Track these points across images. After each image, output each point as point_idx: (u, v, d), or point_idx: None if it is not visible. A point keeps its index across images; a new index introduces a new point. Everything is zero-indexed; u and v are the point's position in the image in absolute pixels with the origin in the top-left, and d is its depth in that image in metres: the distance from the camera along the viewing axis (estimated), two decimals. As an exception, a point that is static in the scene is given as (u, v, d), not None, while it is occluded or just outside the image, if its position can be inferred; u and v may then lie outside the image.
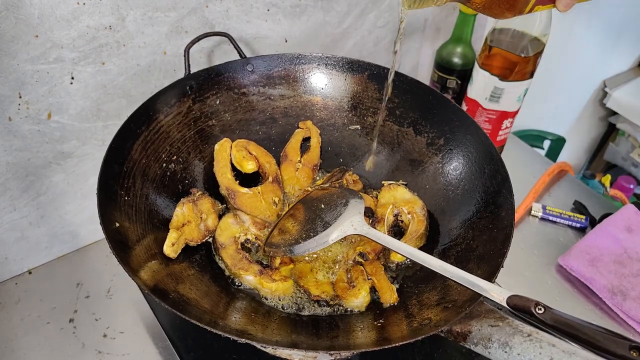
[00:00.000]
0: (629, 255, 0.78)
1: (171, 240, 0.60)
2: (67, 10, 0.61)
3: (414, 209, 0.69)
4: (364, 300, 0.60)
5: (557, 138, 1.30)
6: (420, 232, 0.67)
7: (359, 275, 0.62)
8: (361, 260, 0.65)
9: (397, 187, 0.72)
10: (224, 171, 0.70)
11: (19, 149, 0.66)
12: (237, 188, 0.69)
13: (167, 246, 0.59)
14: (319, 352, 0.52)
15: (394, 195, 0.71)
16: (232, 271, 0.62)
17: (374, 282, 0.62)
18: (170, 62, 0.73)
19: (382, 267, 0.64)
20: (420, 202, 0.70)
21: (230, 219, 0.66)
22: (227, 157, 0.71)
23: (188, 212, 0.63)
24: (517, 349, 0.45)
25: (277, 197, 0.71)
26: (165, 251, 0.59)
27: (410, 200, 0.70)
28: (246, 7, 0.76)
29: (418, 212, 0.69)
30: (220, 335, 0.46)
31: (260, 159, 0.73)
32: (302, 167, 0.75)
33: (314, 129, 0.78)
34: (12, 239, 0.72)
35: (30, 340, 0.68)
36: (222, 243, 0.64)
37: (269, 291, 0.61)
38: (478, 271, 0.56)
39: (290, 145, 0.76)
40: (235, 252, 0.63)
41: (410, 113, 0.76)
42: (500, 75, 0.82)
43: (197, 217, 0.64)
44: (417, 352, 0.66)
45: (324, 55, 0.77)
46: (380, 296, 0.61)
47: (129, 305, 0.72)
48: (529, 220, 0.87)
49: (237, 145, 0.73)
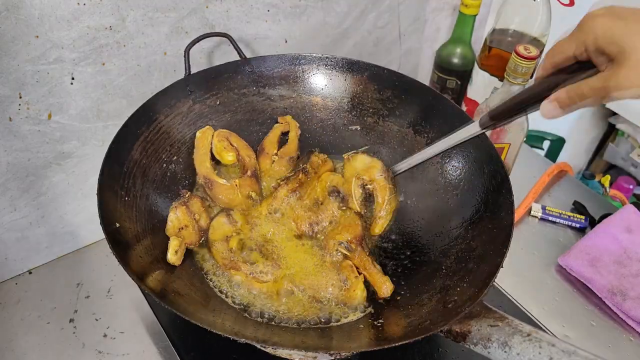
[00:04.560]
0: (629, 256, 0.78)
1: (174, 248, 0.59)
2: (67, 11, 0.61)
3: (374, 175, 0.65)
4: (361, 297, 0.60)
5: (557, 138, 1.30)
6: (386, 197, 0.63)
7: (349, 273, 0.62)
8: (346, 253, 0.64)
9: (355, 156, 0.69)
10: (203, 159, 0.69)
11: (20, 149, 0.66)
12: (215, 178, 0.68)
13: (171, 255, 0.59)
14: (319, 352, 0.52)
15: (354, 166, 0.68)
16: (223, 270, 0.62)
17: (365, 277, 0.62)
18: (170, 63, 0.74)
19: (370, 259, 0.63)
20: (379, 164, 0.66)
21: (223, 219, 0.66)
22: (207, 145, 0.70)
23: (182, 215, 0.63)
24: (517, 349, 0.45)
25: (254, 191, 0.70)
26: (170, 260, 0.59)
27: (370, 165, 0.66)
28: (246, 7, 0.77)
29: (378, 177, 0.65)
30: (221, 335, 0.46)
31: (240, 151, 0.72)
32: (279, 159, 0.74)
33: (293, 122, 0.77)
34: (12, 239, 0.72)
35: (30, 340, 0.68)
36: (214, 242, 0.64)
37: (260, 291, 0.60)
38: (478, 271, 0.56)
39: (267, 139, 0.76)
40: (226, 252, 0.63)
41: (410, 113, 0.76)
42: (500, 75, 0.82)
43: (192, 219, 0.64)
44: (417, 352, 0.66)
45: (323, 55, 0.77)
46: (375, 290, 0.61)
47: (129, 305, 0.72)
48: (529, 220, 0.87)
49: (218, 135, 0.72)
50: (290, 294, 0.61)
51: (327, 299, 0.61)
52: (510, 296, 0.75)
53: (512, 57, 0.69)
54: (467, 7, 0.86)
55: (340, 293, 0.61)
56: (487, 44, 0.84)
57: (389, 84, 0.76)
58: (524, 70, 0.69)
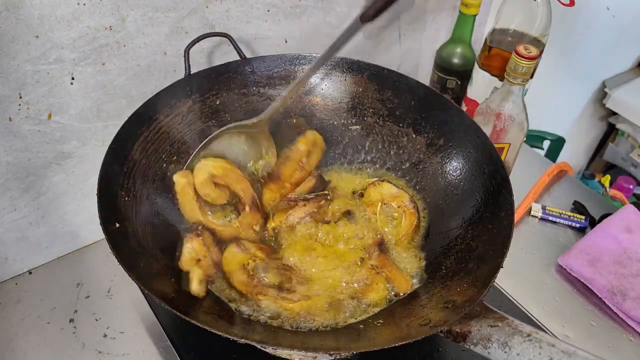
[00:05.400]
0: (629, 256, 0.78)
1: (199, 277, 0.57)
2: (67, 11, 0.61)
3: (403, 202, 0.70)
4: (383, 294, 0.61)
5: (557, 138, 1.30)
6: (414, 224, 0.68)
7: (369, 270, 0.63)
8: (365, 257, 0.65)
9: (381, 184, 0.72)
10: (191, 207, 0.63)
11: (20, 149, 0.66)
12: (212, 225, 0.64)
13: (195, 285, 0.57)
14: (319, 352, 0.52)
15: (381, 192, 0.71)
16: (248, 298, 0.59)
17: (386, 274, 0.62)
18: (170, 63, 0.73)
19: (389, 258, 0.65)
20: (407, 195, 0.70)
21: (235, 248, 0.63)
22: (191, 191, 0.63)
23: (199, 247, 0.60)
24: (517, 349, 0.45)
25: (257, 224, 0.67)
26: (194, 291, 0.57)
27: (397, 195, 0.71)
28: (246, 7, 0.76)
29: (407, 204, 0.69)
30: (221, 335, 0.46)
31: (232, 186, 0.65)
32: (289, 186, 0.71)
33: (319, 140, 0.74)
34: (12, 239, 0.72)
35: (30, 340, 0.68)
36: (231, 273, 0.61)
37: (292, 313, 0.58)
38: (478, 271, 0.56)
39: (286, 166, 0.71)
40: (247, 279, 0.60)
41: (410, 113, 0.76)
42: (500, 75, 0.82)
43: (206, 250, 0.61)
44: (417, 352, 0.67)
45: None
46: (395, 286, 0.62)
47: (129, 305, 0.72)
48: (529, 220, 0.87)
49: (198, 177, 0.63)
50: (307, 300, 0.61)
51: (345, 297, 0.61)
52: (510, 296, 0.75)
53: (512, 57, 0.69)
54: (467, 7, 0.86)
55: (360, 289, 0.61)
56: (487, 44, 0.84)
57: (389, 84, 0.76)
58: (524, 70, 0.69)
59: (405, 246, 0.68)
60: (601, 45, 1.36)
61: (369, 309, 0.61)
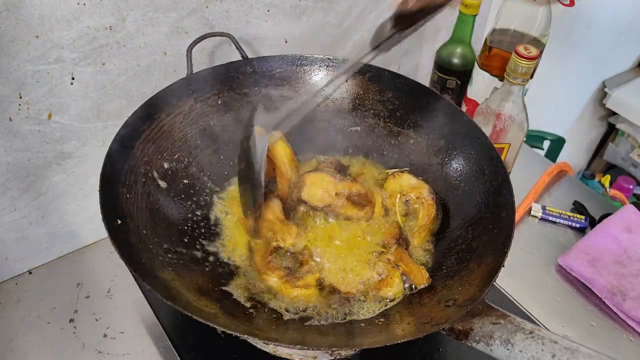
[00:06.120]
0: (629, 256, 0.78)
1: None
2: (67, 11, 0.61)
3: (422, 194, 0.70)
4: (398, 288, 0.61)
5: (557, 138, 1.30)
6: (432, 215, 0.68)
7: (386, 264, 0.63)
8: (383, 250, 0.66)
9: (401, 175, 0.72)
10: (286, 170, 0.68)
11: (20, 149, 0.66)
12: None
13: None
14: (319, 351, 0.52)
15: (400, 183, 0.72)
16: (258, 272, 0.62)
17: (402, 268, 0.63)
18: (170, 63, 0.73)
19: (406, 252, 0.65)
20: (426, 186, 0.71)
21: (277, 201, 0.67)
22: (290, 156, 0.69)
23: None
24: (519, 346, 0.45)
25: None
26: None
27: (417, 186, 0.71)
28: (246, 7, 0.77)
29: (426, 196, 0.69)
30: (221, 334, 0.46)
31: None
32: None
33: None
34: (12, 239, 0.71)
35: (30, 340, 0.68)
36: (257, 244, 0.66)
37: (289, 298, 0.60)
38: (478, 271, 0.56)
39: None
40: (264, 254, 0.64)
41: (410, 115, 0.76)
42: (500, 75, 0.82)
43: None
44: (417, 352, 0.67)
45: (325, 57, 0.77)
46: (412, 280, 0.62)
47: (129, 305, 0.72)
48: (529, 220, 0.87)
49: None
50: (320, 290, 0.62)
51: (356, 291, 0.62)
52: (510, 296, 0.75)
53: (512, 57, 0.69)
54: (467, 7, 0.86)
55: (376, 283, 0.62)
56: (487, 44, 0.84)
57: (390, 86, 0.76)
58: (524, 70, 0.69)
59: (423, 238, 0.68)
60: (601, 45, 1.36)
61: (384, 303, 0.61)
